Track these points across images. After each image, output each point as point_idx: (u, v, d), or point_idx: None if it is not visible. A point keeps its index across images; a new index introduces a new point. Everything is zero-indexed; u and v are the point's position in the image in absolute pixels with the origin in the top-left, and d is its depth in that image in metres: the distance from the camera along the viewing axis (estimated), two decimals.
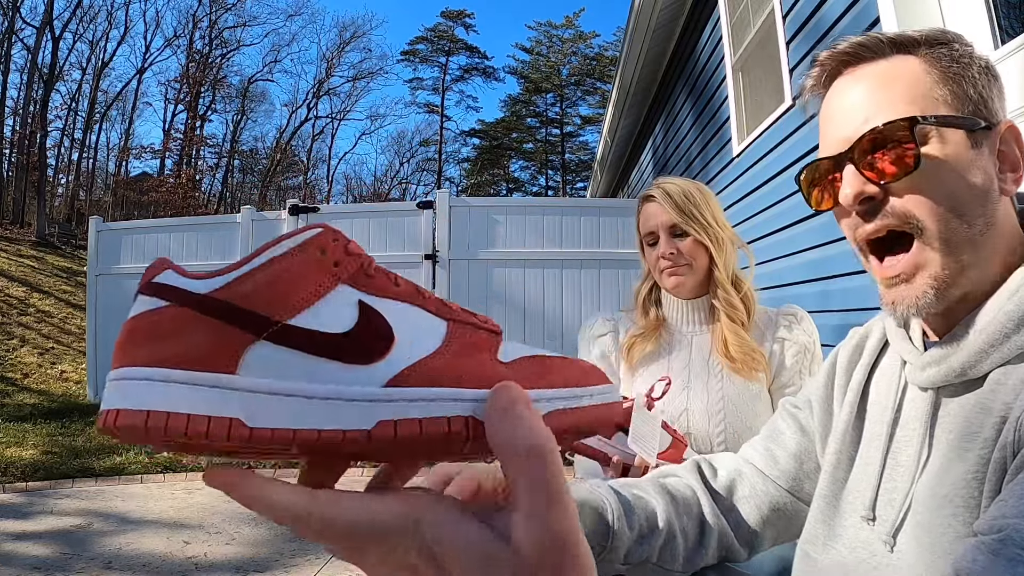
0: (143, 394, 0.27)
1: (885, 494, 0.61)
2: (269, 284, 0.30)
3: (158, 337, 0.29)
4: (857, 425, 0.67)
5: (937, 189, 0.55)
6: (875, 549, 0.59)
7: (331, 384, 0.29)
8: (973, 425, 0.53)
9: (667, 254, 1.34)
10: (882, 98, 0.58)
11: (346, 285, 0.31)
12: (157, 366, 0.28)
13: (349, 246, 0.32)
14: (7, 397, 6.63)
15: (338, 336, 0.30)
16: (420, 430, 0.28)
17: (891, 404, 0.63)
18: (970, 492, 0.51)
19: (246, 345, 0.28)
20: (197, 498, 3.64)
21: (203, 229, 6.21)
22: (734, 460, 0.83)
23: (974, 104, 0.57)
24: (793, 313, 1.36)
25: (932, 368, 0.58)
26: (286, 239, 0.31)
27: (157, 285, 0.30)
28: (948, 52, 0.59)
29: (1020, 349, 0.52)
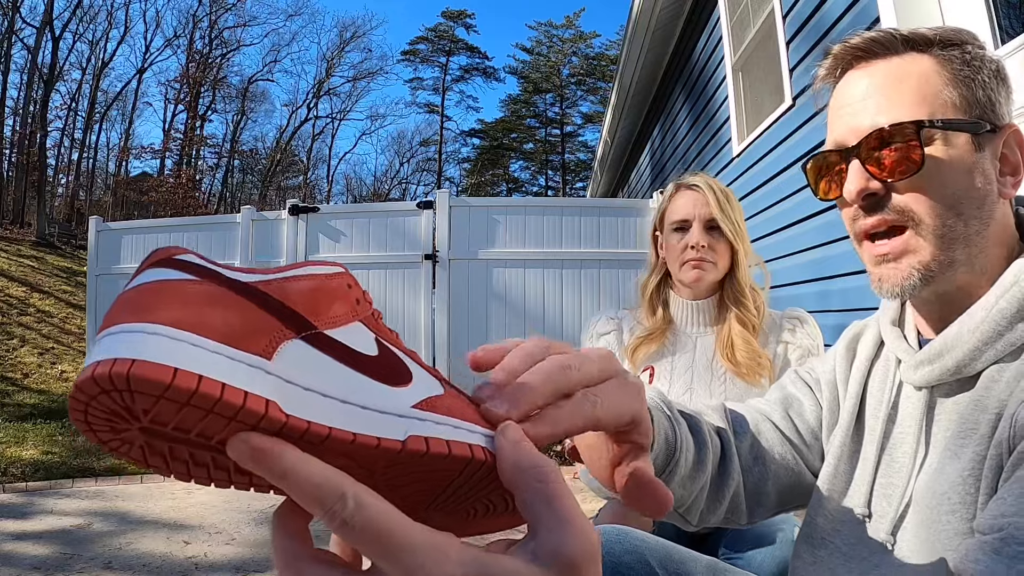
0: (170, 350, 0.23)
1: (881, 490, 0.61)
2: (311, 293, 0.31)
3: (186, 303, 0.25)
4: (858, 424, 0.68)
5: (938, 189, 0.57)
6: (874, 546, 0.60)
7: (365, 395, 0.29)
8: (968, 423, 0.53)
9: (699, 245, 1.32)
10: (892, 96, 0.58)
11: (361, 324, 0.33)
12: (186, 329, 0.24)
13: (366, 293, 0.35)
14: (7, 397, 6.62)
15: (369, 358, 0.31)
16: (448, 450, 0.30)
17: (886, 401, 0.64)
18: (967, 489, 0.51)
19: (285, 338, 0.28)
20: (197, 498, 3.64)
21: (203, 229, 6.21)
22: (754, 413, 0.79)
23: (981, 107, 0.58)
24: (798, 316, 1.35)
25: (926, 367, 0.58)
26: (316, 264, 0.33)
27: (180, 261, 0.28)
28: (960, 54, 0.59)
29: (1013, 346, 0.53)
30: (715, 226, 1.33)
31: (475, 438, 0.31)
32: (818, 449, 0.75)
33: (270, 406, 0.25)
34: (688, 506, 0.68)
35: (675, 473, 0.62)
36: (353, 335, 0.32)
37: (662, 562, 0.77)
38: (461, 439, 0.31)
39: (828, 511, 0.66)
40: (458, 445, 0.30)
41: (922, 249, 0.57)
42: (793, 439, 0.76)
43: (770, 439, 0.75)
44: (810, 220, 2.72)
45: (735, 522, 0.75)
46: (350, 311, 0.33)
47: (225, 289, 0.27)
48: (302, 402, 0.27)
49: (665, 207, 1.40)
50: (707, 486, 0.68)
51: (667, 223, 1.39)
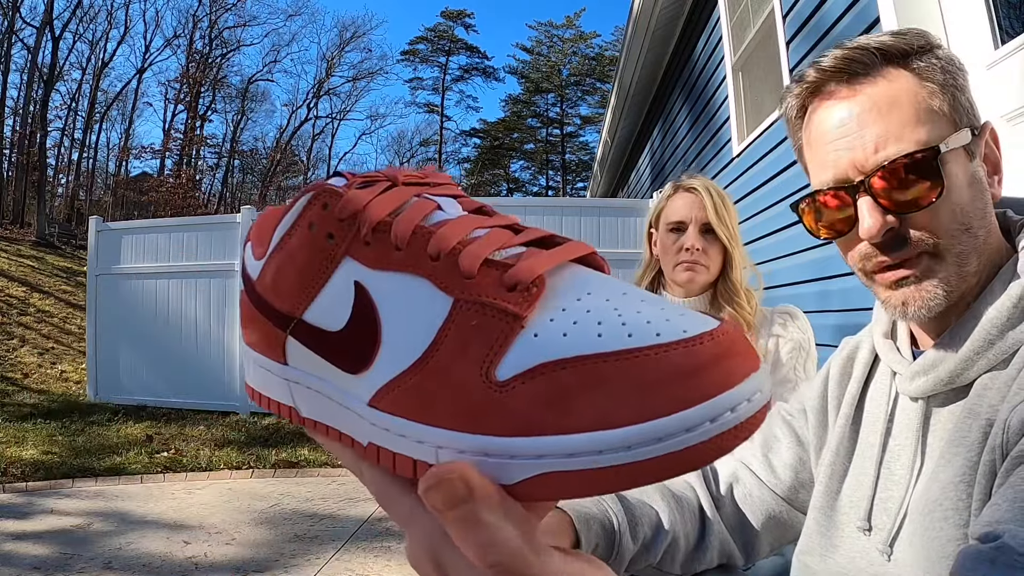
0: (250, 373, 0.32)
1: (880, 503, 0.61)
2: (279, 271, 0.28)
3: (244, 321, 0.31)
4: (852, 437, 0.67)
5: (954, 211, 0.55)
6: (873, 559, 0.59)
7: (340, 391, 0.27)
8: (962, 431, 0.53)
9: (694, 248, 1.34)
10: (890, 123, 0.55)
11: (349, 259, 0.26)
12: (250, 347, 0.31)
13: (341, 208, 0.26)
14: (7, 397, 6.62)
15: (333, 336, 0.26)
16: (393, 465, 0.25)
17: (883, 415, 0.63)
18: (959, 495, 0.51)
19: (282, 339, 0.28)
20: (197, 498, 3.64)
21: (203, 229, 6.20)
22: (732, 463, 0.82)
23: (967, 113, 0.57)
24: (788, 311, 1.37)
25: (920, 378, 0.58)
26: (292, 205, 0.27)
27: (243, 264, 0.31)
28: (936, 61, 0.57)
29: (1005, 354, 0.53)
30: (710, 230, 1.36)
31: (420, 451, 0.24)
32: (805, 481, 0.75)
33: (292, 412, 0.29)
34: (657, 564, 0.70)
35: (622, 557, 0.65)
36: (329, 298, 0.26)
37: None
38: (405, 452, 0.24)
39: (825, 528, 0.66)
40: (401, 460, 0.24)
41: (942, 268, 0.56)
42: (771, 483, 0.76)
43: (748, 485, 0.77)
44: None
45: (734, 565, 0.77)
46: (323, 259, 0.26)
47: (248, 301, 0.30)
48: (307, 402, 0.29)
49: (662, 207, 1.43)
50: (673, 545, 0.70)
51: (663, 223, 1.41)
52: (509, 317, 0.23)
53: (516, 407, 0.22)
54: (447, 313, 0.24)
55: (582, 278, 0.25)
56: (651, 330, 0.21)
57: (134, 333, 6.12)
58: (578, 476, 0.21)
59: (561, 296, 0.23)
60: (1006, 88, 1.52)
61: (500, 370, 0.22)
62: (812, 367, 1.33)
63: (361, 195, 0.26)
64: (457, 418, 0.23)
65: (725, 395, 0.20)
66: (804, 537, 0.69)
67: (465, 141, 35.22)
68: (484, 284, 0.23)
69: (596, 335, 0.22)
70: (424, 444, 0.24)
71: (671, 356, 0.21)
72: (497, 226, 0.26)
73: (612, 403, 0.20)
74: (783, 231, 3.07)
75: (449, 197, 0.28)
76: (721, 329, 0.22)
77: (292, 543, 2.90)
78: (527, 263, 0.24)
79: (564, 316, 0.23)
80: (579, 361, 0.21)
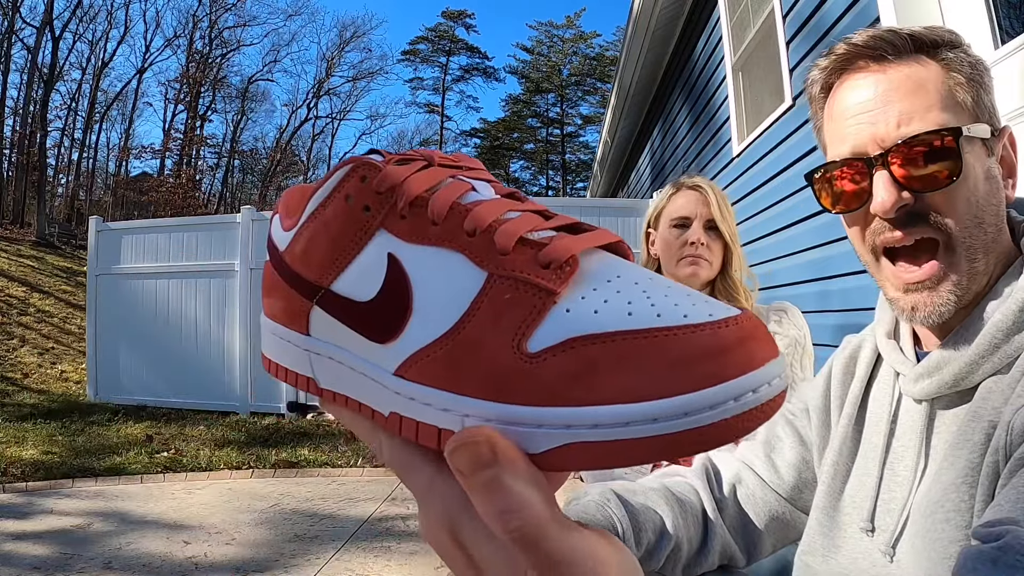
0: (265, 340, 0.32)
1: (883, 504, 0.61)
2: (311, 241, 0.28)
3: (266, 290, 0.31)
4: (855, 437, 0.67)
5: (968, 198, 0.55)
6: (875, 559, 0.59)
7: (363, 361, 0.27)
8: (965, 433, 0.53)
9: (699, 242, 1.37)
10: (916, 103, 0.55)
11: (384, 232, 0.27)
12: (270, 318, 0.31)
13: (379, 181, 0.27)
14: (7, 397, 6.62)
15: (363, 306, 0.26)
16: (416, 434, 0.25)
17: (886, 416, 0.63)
18: (961, 496, 0.51)
19: (307, 309, 0.29)
20: (197, 498, 3.64)
21: (203, 229, 6.20)
22: (735, 464, 0.82)
23: (988, 111, 0.58)
24: (783, 309, 1.38)
25: (924, 380, 0.58)
26: (330, 176, 0.28)
27: (269, 236, 0.31)
28: (966, 57, 0.58)
29: (1010, 358, 0.53)
30: (713, 227, 1.38)
31: (446, 419, 0.24)
32: (808, 481, 0.75)
33: (310, 383, 0.30)
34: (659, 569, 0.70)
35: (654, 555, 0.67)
36: (360, 269, 0.27)
37: None
38: (430, 421, 0.24)
39: (827, 528, 0.66)
40: (425, 429, 0.24)
41: (956, 269, 0.55)
42: (774, 483, 0.76)
43: (751, 486, 0.77)
44: (810, 220, 2.72)
45: (736, 566, 0.77)
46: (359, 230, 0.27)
47: (273, 269, 0.30)
48: (328, 373, 0.29)
49: (663, 206, 1.45)
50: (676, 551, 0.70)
51: (665, 220, 1.43)
52: (543, 292, 0.23)
53: (545, 378, 0.22)
54: (481, 286, 0.24)
55: (611, 262, 0.25)
56: (679, 312, 0.22)
57: (134, 333, 6.12)
58: (603, 447, 0.21)
59: (592, 277, 0.24)
60: (1006, 88, 1.52)
61: (531, 342, 0.23)
62: (809, 363, 1.33)
63: (399, 170, 0.27)
64: (485, 387, 0.23)
65: (748, 376, 0.21)
66: (806, 537, 0.69)
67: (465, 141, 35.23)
68: (519, 261, 0.24)
69: (626, 314, 0.22)
70: (450, 412, 0.24)
71: (698, 336, 0.21)
72: (529, 211, 0.27)
73: (639, 378, 0.21)
74: (783, 231, 3.07)
75: (483, 181, 0.29)
76: (745, 315, 0.23)
77: (292, 543, 2.90)
78: (561, 243, 0.24)
79: (595, 295, 0.23)
80: (609, 337, 0.22)
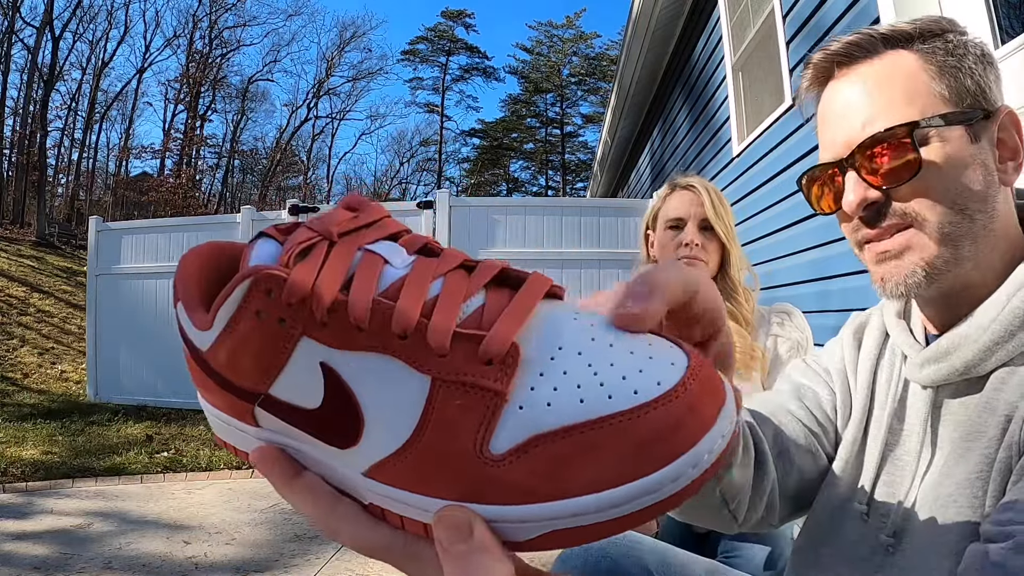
0: (217, 427, 0.30)
1: (884, 488, 0.60)
2: (233, 354, 0.26)
3: (200, 385, 0.29)
4: (868, 418, 0.66)
5: (939, 189, 0.55)
6: (876, 548, 0.58)
7: (326, 457, 0.27)
8: (977, 425, 0.52)
9: (693, 243, 1.36)
10: (880, 100, 0.57)
11: (308, 339, 0.25)
12: (214, 408, 0.29)
13: (287, 294, 0.24)
14: (7, 397, 6.62)
15: (311, 413, 0.26)
16: (402, 525, 0.26)
17: (891, 398, 0.62)
18: (973, 492, 0.50)
19: (250, 408, 0.27)
20: (197, 498, 3.64)
21: (203, 229, 6.20)
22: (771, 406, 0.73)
23: (972, 96, 0.57)
24: (786, 311, 1.38)
25: (932, 365, 0.57)
26: (232, 291, 0.25)
27: (180, 326, 0.29)
28: (943, 44, 0.58)
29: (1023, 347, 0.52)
30: (708, 226, 1.37)
31: (430, 517, 0.25)
32: (833, 438, 0.71)
33: None
34: (739, 499, 0.64)
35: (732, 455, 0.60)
36: (294, 378, 0.25)
37: (659, 565, 0.76)
38: (414, 517, 0.25)
39: (832, 507, 0.65)
40: (411, 523, 0.26)
41: (926, 246, 0.55)
42: (813, 428, 0.71)
43: (792, 429, 0.70)
44: (810, 220, 2.72)
45: (768, 522, 0.70)
46: (279, 341, 0.25)
47: (200, 370, 0.28)
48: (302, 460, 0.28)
49: (659, 206, 1.44)
50: (752, 476, 0.65)
51: (661, 221, 1.43)
52: (491, 393, 0.23)
53: (516, 479, 0.23)
54: (427, 393, 0.24)
55: (551, 327, 0.25)
56: (628, 388, 0.23)
57: (134, 333, 6.11)
58: (581, 531, 0.23)
59: (536, 359, 0.24)
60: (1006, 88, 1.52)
61: (494, 445, 0.23)
62: None
63: (304, 273, 0.25)
64: (460, 491, 0.24)
65: (703, 441, 0.22)
66: (809, 519, 0.68)
67: (465, 141, 35.23)
68: (459, 361, 0.24)
69: (578, 400, 0.23)
70: (430, 512, 0.25)
71: (652, 416, 0.22)
72: (450, 270, 0.26)
73: (606, 468, 0.22)
74: (783, 231, 3.07)
75: (389, 241, 0.27)
76: (691, 372, 0.23)
77: (292, 543, 2.90)
78: (497, 331, 0.24)
79: (544, 383, 0.23)
80: (567, 432, 0.22)
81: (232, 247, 0.30)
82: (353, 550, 0.28)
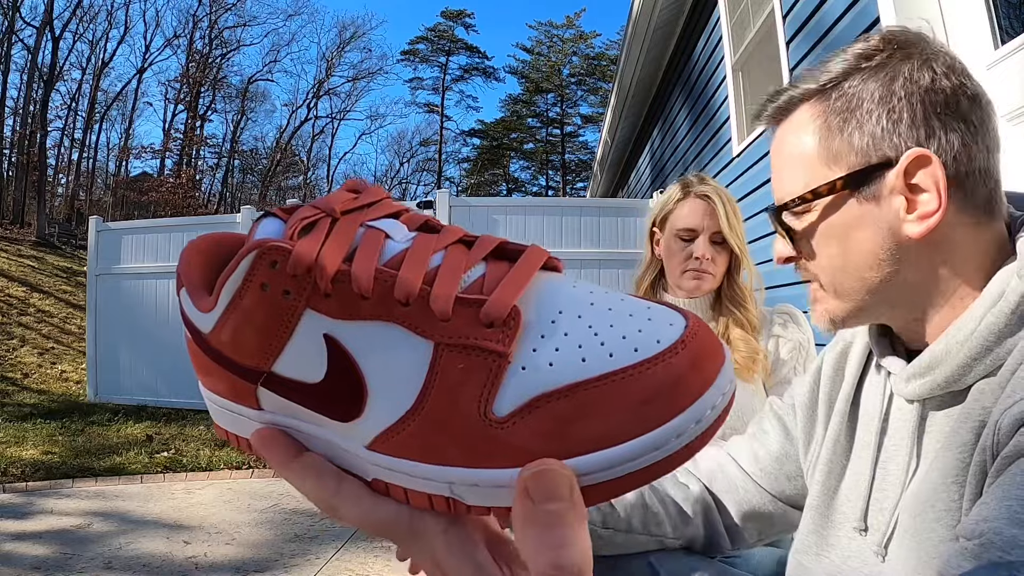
0: (217, 415, 0.30)
1: (876, 503, 0.61)
2: (237, 331, 0.26)
3: (202, 371, 0.29)
4: (848, 435, 0.67)
5: (825, 254, 0.59)
6: (867, 559, 0.60)
7: (327, 434, 0.27)
8: (955, 433, 0.53)
9: (704, 257, 1.32)
10: (779, 168, 0.62)
11: (312, 311, 0.25)
12: (215, 394, 0.29)
13: (292, 265, 0.25)
14: (7, 397, 6.62)
15: (314, 387, 0.26)
16: (407, 499, 0.26)
17: (878, 414, 0.63)
18: (951, 496, 0.51)
19: (252, 389, 0.27)
20: (197, 498, 3.64)
21: (203, 229, 6.20)
22: (717, 453, 0.84)
23: (860, 152, 0.55)
24: (788, 312, 1.37)
25: (916, 380, 0.58)
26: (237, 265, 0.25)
27: (183, 311, 0.30)
28: (838, 95, 0.56)
29: (1001, 360, 0.52)
30: (721, 239, 1.34)
31: (432, 487, 0.25)
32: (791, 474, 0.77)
33: None
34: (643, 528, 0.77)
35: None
36: (297, 352, 0.26)
37: (662, 561, 0.77)
38: (418, 488, 0.25)
39: (820, 527, 0.66)
40: (415, 495, 0.26)
41: (826, 299, 0.61)
42: (755, 474, 0.79)
43: (731, 476, 0.80)
44: None
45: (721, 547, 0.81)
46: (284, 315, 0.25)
47: (202, 352, 0.28)
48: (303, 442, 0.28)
49: (670, 209, 1.39)
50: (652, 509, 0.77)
51: (671, 226, 1.38)
52: (494, 355, 0.23)
53: (521, 440, 0.23)
54: (430, 358, 0.24)
55: (550, 293, 0.25)
56: (628, 346, 0.23)
57: (134, 333, 6.12)
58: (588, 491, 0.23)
59: (537, 322, 0.24)
60: (1006, 88, 1.52)
61: (497, 407, 0.23)
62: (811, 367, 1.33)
63: (308, 246, 0.25)
64: (465, 456, 0.24)
65: (705, 396, 0.23)
66: (800, 536, 0.69)
67: (465, 141, 35.25)
68: (461, 325, 0.24)
69: (580, 360, 0.23)
70: (433, 481, 0.25)
71: (653, 372, 0.22)
72: (450, 244, 0.26)
73: (610, 425, 0.22)
74: None
75: (391, 219, 0.27)
76: (690, 332, 0.24)
77: (292, 543, 2.90)
78: (499, 296, 0.24)
79: (545, 344, 0.24)
80: (570, 390, 0.23)
81: (231, 238, 0.31)
82: (357, 528, 0.28)
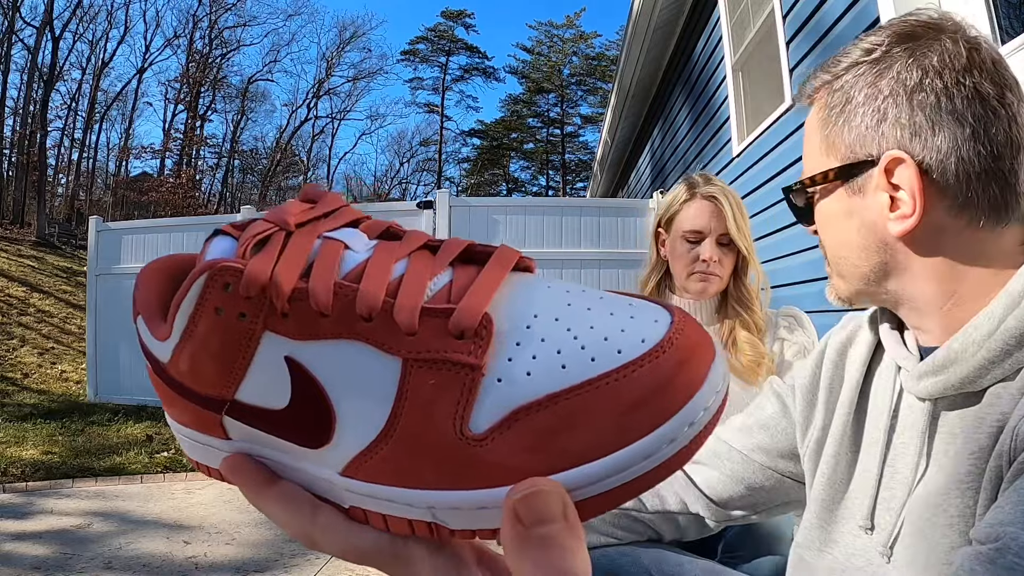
0: (187, 447, 0.29)
1: (883, 503, 0.60)
2: (195, 359, 0.25)
3: (167, 401, 0.28)
4: (856, 428, 0.66)
5: (823, 234, 0.64)
6: (871, 558, 0.59)
7: (300, 462, 0.26)
8: (970, 437, 0.52)
9: (711, 259, 1.31)
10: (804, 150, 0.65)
11: (271, 333, 0.24)
12: (182, 425, 0.28)
13: (245, 286, 0.23)
14: (7, 397, 6.62)
15: (279, 414, 0.24)
16: (386, 526, 0.24)
17: (887, 409, 0.62)
18: (965, 501, 0.50)
19: (218, 419, 0.26)
20: (197, 498, 3.64)
21: (203, 229, 6.20)
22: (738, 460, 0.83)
23: (848, 147, 0.57)
24: (793, 315, 1.36)
25: (929, 378, 0.56)
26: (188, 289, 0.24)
27: (140, 340, 0.28)
28: (839, 88, 0.58)
29: (1019, 365, 0.51)
30: (728, 241, 1.33)
31: (413, 512, 0.23)
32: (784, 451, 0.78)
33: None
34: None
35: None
36: (260, 377, 0.24)
37: (657, 565, 0.77)
38: (398, 514, 0.24)
39: (825, 522, 0.65)
40: (395, 521, 0.24)
41: (832, 276, 0.65)
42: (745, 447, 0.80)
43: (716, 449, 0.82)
44: None
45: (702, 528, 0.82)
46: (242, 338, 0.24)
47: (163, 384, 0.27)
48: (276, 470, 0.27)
49: (676, 210, 1.37)
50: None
51: (677, 228, 1.36)
52: (466, 368, 0.22)
53: (501, 458, 0.21)
54: (399, 375, 0.22)
55: (524, 297, 0.24)
56: (611, 348, 0.21)
57: (134, 333, 6.02)
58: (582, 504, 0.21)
59: (511, 329, 0.22)
60: None
61: (473, 424, 0.22)
62: None
63: (262, 264, 0.23)
64: (443, 478, 0.22)
65: (696, 398, 0.21)
66: (803, 530, 0.68)
67: (465, 141, 35.24)
68: (429, 338, 0.22)
69: (560, 367, 0.21)
70: (414, 507, 0.23)
71: (639, 375, 0.21)
72: (413, 250, 0.25)
73: (596, 435, 0.20)
74: (783, 231, 3.06)
75: (350, 227, 0.26)
76: (676, 328, 0.22)
77: (292, 543, 2.90)
78: (468, 303, 0.22)
79: (521, 352, 0.22)
80: (551, 400, 0.21)
81: (189, 260, 0.29)
82: (338, 558, 0.26)
